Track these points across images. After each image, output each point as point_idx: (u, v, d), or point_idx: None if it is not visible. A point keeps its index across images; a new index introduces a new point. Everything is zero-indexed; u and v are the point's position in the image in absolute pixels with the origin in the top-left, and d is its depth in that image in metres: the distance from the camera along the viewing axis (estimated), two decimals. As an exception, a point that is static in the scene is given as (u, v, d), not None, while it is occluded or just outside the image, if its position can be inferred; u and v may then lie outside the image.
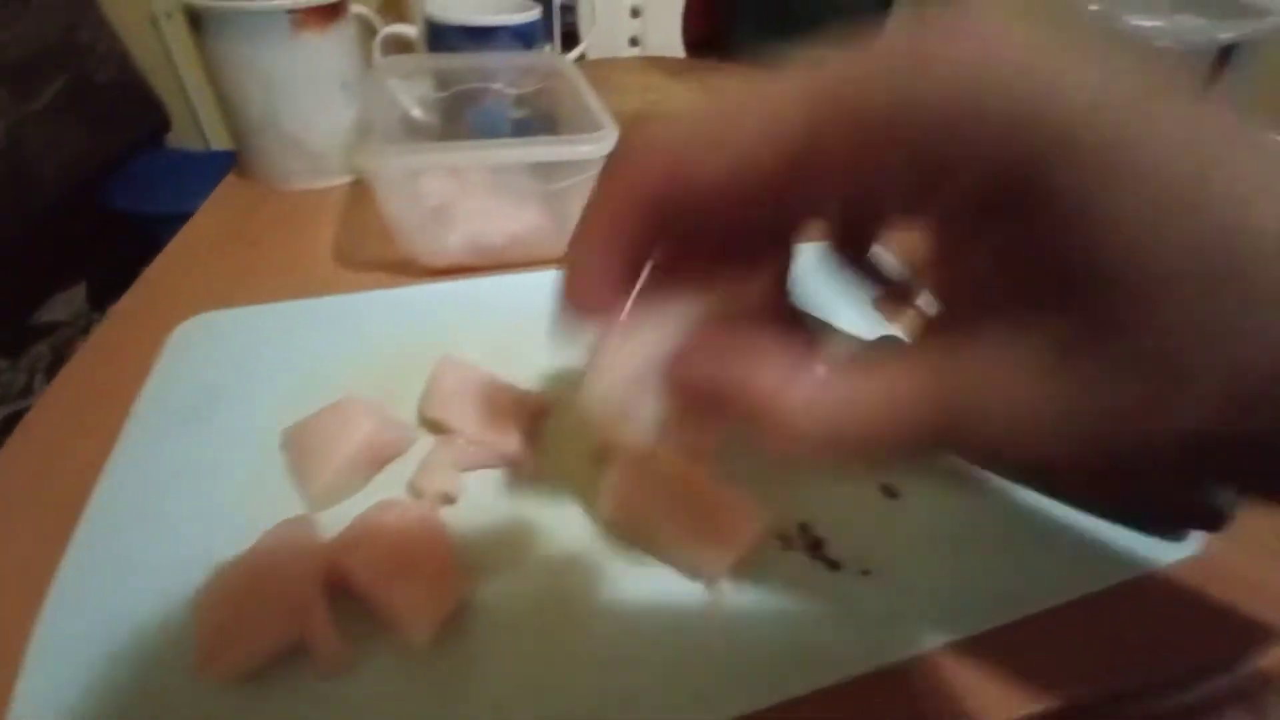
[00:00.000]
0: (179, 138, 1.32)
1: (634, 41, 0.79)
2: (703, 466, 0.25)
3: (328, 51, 0.46)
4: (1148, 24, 0.35)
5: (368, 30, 0.55)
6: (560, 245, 0.52)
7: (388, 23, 0.54)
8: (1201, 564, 0.25)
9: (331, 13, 0.45)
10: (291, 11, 0.43)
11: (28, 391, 0.84)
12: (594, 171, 0.38)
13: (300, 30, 0.44)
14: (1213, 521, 0.24)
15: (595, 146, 0.36)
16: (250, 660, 0.19)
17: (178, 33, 1.26)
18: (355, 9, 0.52)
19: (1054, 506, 0.26)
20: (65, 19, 1.11)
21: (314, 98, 0.46)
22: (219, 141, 1.33)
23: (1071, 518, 0.26)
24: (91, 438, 0.27)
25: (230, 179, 0.50)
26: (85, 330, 0.93)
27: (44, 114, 1.04)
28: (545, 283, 0.40)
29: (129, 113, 1.18)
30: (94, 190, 1.08)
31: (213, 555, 0.22)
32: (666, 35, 0.78)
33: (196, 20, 0.43)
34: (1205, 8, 0.36)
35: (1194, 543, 0.25)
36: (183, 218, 0.46)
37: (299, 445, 0.26)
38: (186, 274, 0.40)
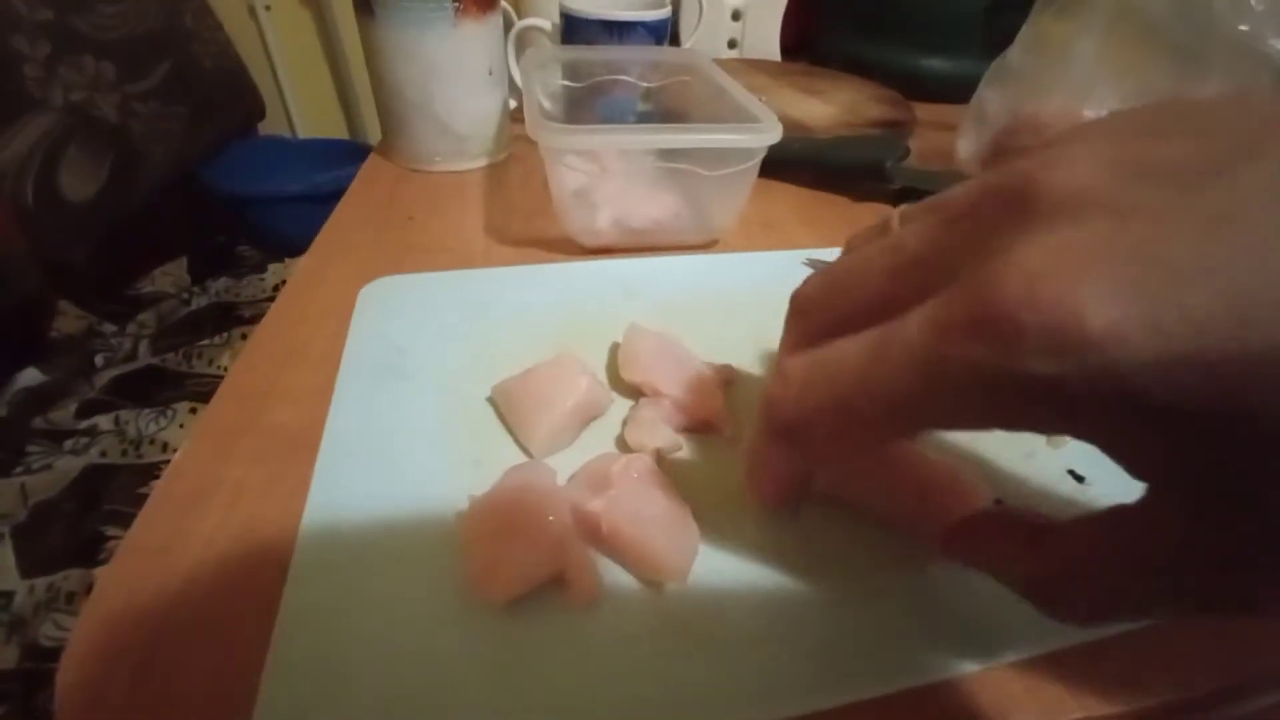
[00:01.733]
0: (269, 126, 1.37)
1: (732, 44, 0.80)
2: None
3: (481, 40, 0.48)
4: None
5: (506, 22, 0.57)
6: (696, 233, 0.53)
7: (521, 16, 0.56)
8: None
9: (489, 3, 0.48)
10: (455, 1, 0.45)
11: (133, 356, 0.88)
12: (752, 162, 0.39)
13: (461, 19, 0.46)
14: None
15: (762, 136, 0.37)
16: (517, 587, 0.21)
17: (274, 24, 1.31)
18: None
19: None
20: (169, 3, 1.17)
21: (465, 83, 0.48)
22: (306, 131, 1.39)
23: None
24: (300, 386, 0.30)
25: (374, 160, 0.53)
26: (187, 302, 0.98)
27: (152, 94, 1.09)
28: (693, 266, 0.42)
29: (227, 99, 1.23)
30: (193, 171, 1.13)
31: (452, 494, 0.24)
32: (764, 39, 0.79)
33: (366, 8, 0.46)
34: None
35: None
36: (272, 200, 0.47)
37: (515, 399, 0.27)
38: (353, 243, 0.42)
